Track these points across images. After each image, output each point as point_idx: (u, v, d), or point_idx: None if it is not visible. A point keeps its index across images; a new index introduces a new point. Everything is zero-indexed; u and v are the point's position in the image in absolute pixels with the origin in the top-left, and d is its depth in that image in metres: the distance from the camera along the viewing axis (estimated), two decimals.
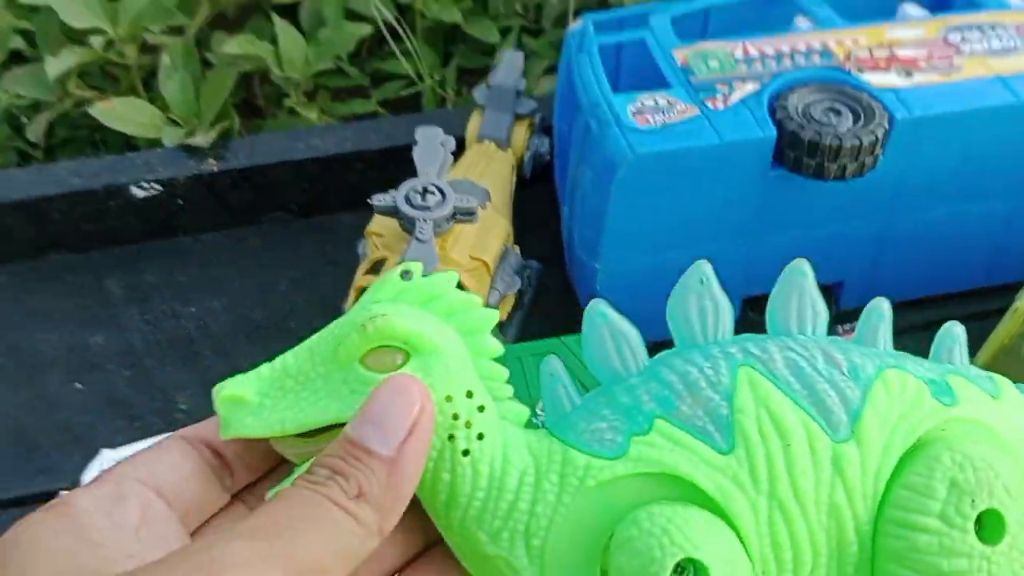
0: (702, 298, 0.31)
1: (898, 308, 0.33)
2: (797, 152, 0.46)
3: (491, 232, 0.51)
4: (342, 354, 0.28)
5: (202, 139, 0.62)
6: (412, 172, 0.50)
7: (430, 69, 0.71)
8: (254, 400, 0.28)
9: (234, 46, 0.65)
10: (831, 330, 0.32)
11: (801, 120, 0.46)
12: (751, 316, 0.52)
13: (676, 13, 0.55)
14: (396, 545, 0.30)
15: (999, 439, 0.31)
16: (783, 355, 0.30)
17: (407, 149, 0.51)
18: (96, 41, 0.64)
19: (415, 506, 0.28)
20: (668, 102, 0.48)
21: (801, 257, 0.31)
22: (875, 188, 0.49)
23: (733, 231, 0.50)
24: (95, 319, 0.59)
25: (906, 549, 0.29)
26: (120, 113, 0.63)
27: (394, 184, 0.48)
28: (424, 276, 0.29)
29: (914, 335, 0.36)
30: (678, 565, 0.27)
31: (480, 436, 0.28)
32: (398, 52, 0.70)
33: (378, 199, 0.48)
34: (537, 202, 0.59)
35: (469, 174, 0.54)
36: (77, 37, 0.66)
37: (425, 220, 0.47)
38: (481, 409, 0.28)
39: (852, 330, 0.32)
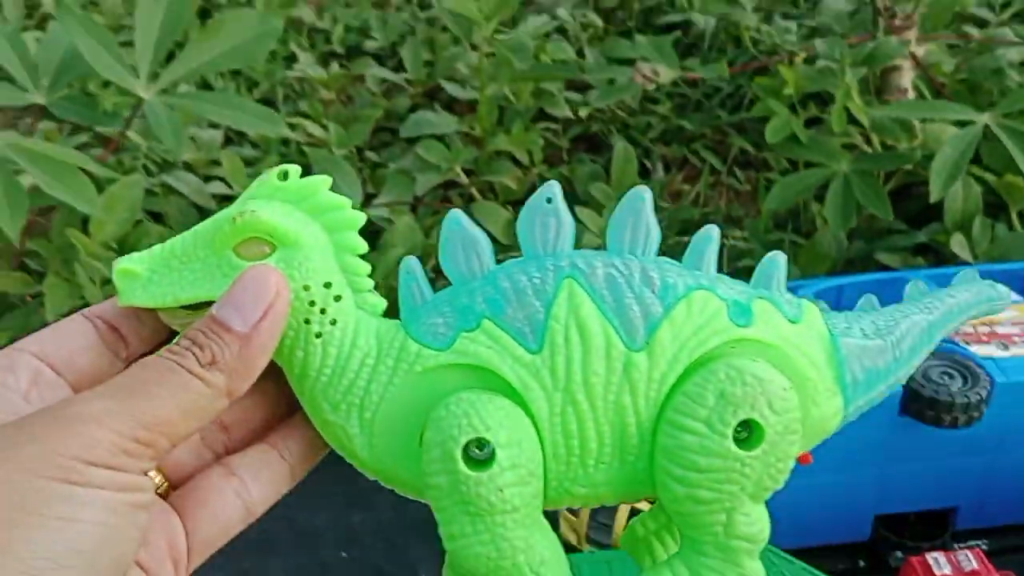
0: (547, 215, 0.33)
1: (1006, 531, 0.41)
2: (919, 405, 0.60)
3: None
4: (217, 242, 0.32)
5: None
6: None
7: None
8: (145, 275, 0.32)
9: None
10: (950, 546, 0.41)
11: (922, 380, 0.61)
12: (882, 534, 0.65)
13: (817, 288, 0.71)
14: (266, 407, 0.35)
15: (785, 360, 0.34)
16: (605, 270, 0.33)
17: None
18: None
19: (282, 377, 0.33)
20: None
21: (924, 486, 0.41)
22: (982, 434, 0.63)
23: (867, 461, 0.64)
24: (355, 500, 0.75)
25: (674, 446, 0.32)
26: None
27: None
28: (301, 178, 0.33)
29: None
30: (478, 443, 0.31)
31: (333, 322, 0.32)
32: None
33: None
34: None
35: None
36: None
37: None
38: (337, 299, 0.32)
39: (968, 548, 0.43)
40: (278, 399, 0.35)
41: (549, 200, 0.33)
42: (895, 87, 0.93)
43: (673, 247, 0.39)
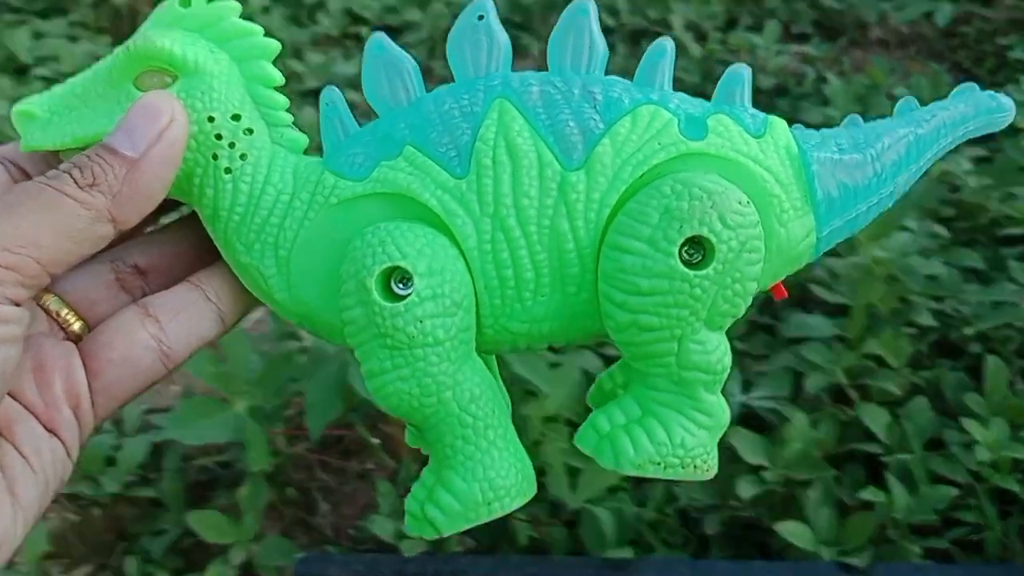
0: (478, 34, 0.31)
1: None
2: None
3: None
4: (115, 75, 0.30)
5: None
6: None
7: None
8: (44, 116, 0.30)
9: None
10: None
11: None
12: None
13: None
14: (188, 252, 0.33)
15: (744, 175, 0.30)
16: (541, 88, 0.30)
17: None
18: None
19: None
20: None
21: None
22: None
23: None
24: None
25: (614, 269, 0.29)
26: None
27: None
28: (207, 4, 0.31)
29: None
30: (399, 276, 0.29)
31: (243, 156, 0.30)
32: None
33: None
34: None
35: None
36: None
37: None
38: (248, 132, 0.30)
39: None
40: (200, 245, 0.32)
41: (481, 18, 0.31)
42: None
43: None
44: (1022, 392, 0.89)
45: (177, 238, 0.33)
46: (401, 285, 0.29)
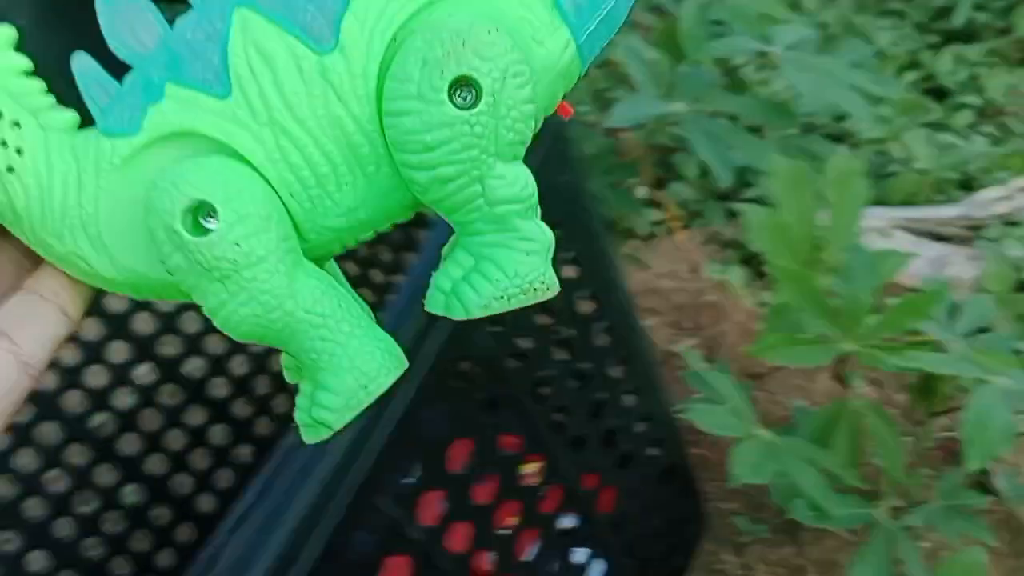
0: None
1: None
2: None
3: None
4: None
5: None
6: None
7: None
8: None
9: None
10: None
11: None
12: None
13: None
14: (10, 266, 0.32)
15: (494, 7, 0.31)
16: None
17: None
18: None
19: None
20: None
21: None
22: None
23: None
24: None
25: (398, 135, 0.29)
26: None
27: None
28: None
29: None
30: (203, 210, 0.29)
31: (19, 151, 0.30)
32: None
33: None
34: None
35: None
36: None
37: None
38: (15, 125, 0.30)
39: None
40: (15, 258, 0.32)
41: None
42: None
43: None
44: None
45: None
46: (209, 219, 0.29)
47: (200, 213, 0.29)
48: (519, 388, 0.56)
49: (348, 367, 0.31)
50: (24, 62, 0.30)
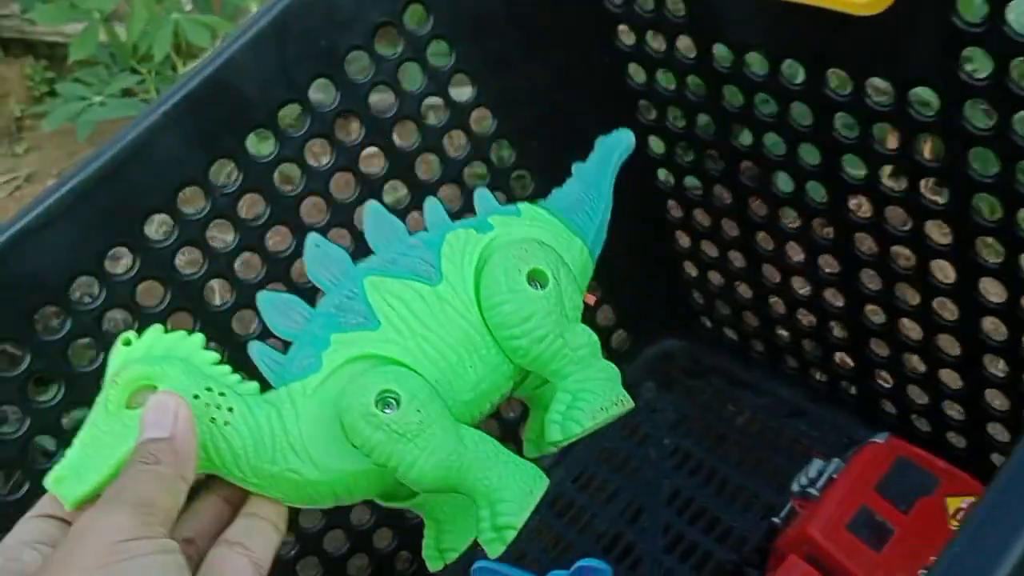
0: (323, 253, 0.44)
1: None
2: None
3: None
4: (111, 409, 0.38)
5: None
6: None
7: None
8: (72, 474, 0.38)
9: None
10: None
11: None
12: None
13: None
14: (219, 507, 0.41)
15: (533, 233, 0.47)
16: (382, 257, 0.44)
17: None
18: None
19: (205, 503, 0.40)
20: None
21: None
22: None
23: None
24: None
25: (501, 318, 0.43)
26: None
27: None
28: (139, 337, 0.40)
29: None
30: (384, 401, 0.39)
31: (231, 410, 0.39)
32: None
33: None
34: None
35: None
36: None
37: None
38: (222, 394, 0.39)
39: None
40: (221, 504, 0.41)
41: (317, 245, 0.44)
42: None
43: None
44: None
45: (203, 508, 0.41)
46: (387, 409, 0.39)
47: (381, 405, 0.39)
48: None
49: (514, 481, 0.41)
50: (212, 355, 0.41)
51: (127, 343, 0.40)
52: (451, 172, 0.66)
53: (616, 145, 0.52)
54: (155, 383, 0.38)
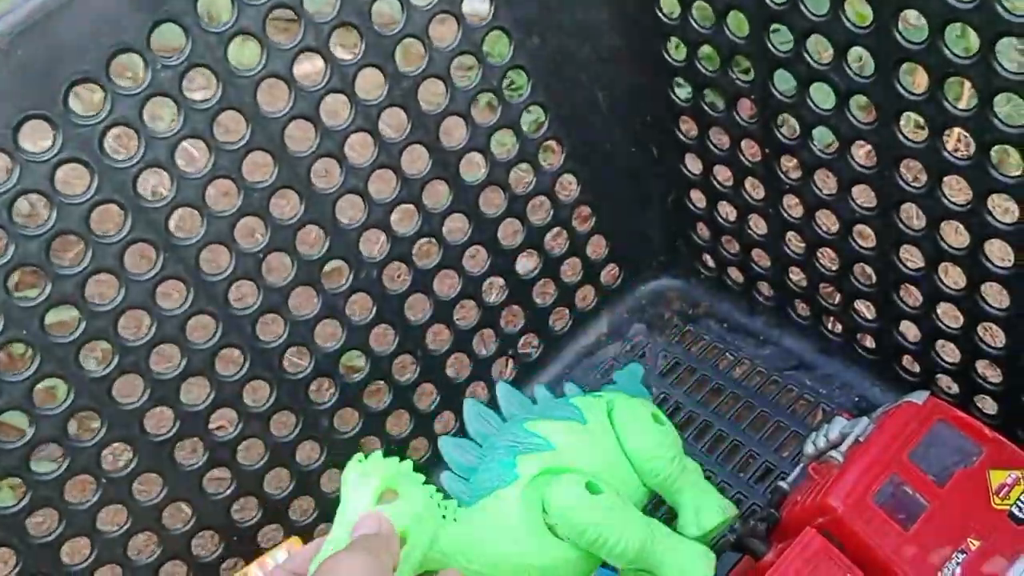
0: (479, 412, 0.59)
1: None
2: None
3: None
4: (374, 499, 0.44)
5: None
6: None
7: None
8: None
9: None
10: None
11: None
12: None
13: None
14: None
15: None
16: (523, 415, 0.59)
17: None
18: None
19: None
20: None
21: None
22: None
23: None
24: None
25: (642, 454, 0.57)
26: None
27: None
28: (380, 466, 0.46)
29: None
30: (591, 486, 0.52)
31: (444, 517, 0.48)
32: None
33: None
34: None
35: None
36: None
37: None
38: (446, 498, 0.50)
39: None
40: None
41: (480, 414, 0.59)
42: None
43: None
44: None
45: None
46: (595, 495, 0.53)
47: (590, 492, 0.53)
48: None
49: (694, 553, 0.54)
50: (419, 477, 0.46)
51: (361, 458, 0.45)
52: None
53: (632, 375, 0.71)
54: (396, 492, 0.44)
